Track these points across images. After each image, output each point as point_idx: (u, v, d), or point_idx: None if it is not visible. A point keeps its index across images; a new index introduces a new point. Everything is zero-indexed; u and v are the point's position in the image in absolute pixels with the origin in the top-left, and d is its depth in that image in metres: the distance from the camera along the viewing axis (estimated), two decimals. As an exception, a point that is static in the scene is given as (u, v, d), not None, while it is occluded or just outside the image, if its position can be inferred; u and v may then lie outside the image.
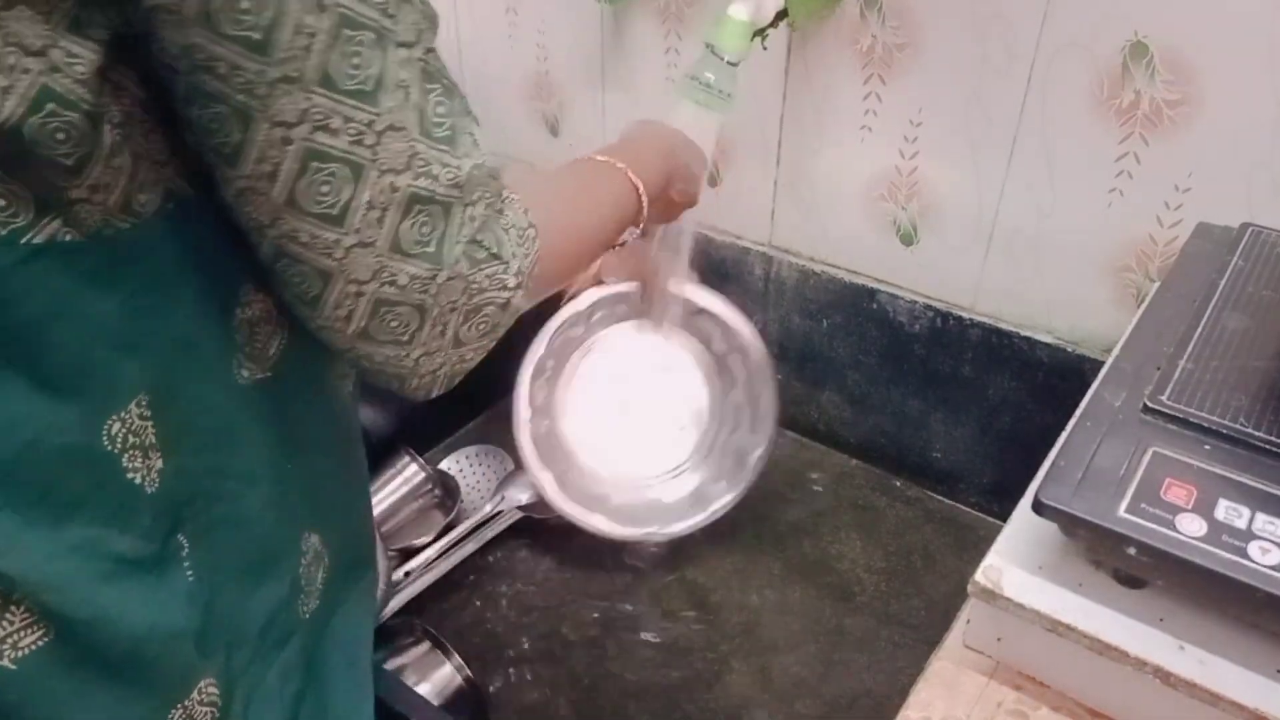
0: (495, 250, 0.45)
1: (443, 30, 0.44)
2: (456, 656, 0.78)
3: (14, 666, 0.41)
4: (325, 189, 0.39)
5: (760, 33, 0.84)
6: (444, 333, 0.44)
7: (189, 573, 0.46)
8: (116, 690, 0.44)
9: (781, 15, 0.84)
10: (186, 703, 0.46)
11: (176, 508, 0.45)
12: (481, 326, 0.46)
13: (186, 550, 0.46)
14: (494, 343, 0.48)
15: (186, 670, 0.47)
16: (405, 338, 0.44)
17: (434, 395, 0.48)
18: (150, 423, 0.43)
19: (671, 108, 0.86)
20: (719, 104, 0.84)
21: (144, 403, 0.43)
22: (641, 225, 0.67)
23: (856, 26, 0.88)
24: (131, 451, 0.42)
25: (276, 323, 0.47)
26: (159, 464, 0.44)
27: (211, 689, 0.48)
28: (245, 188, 0.39)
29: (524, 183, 0.50)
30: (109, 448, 0.42)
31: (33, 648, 0.41)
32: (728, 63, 0.83)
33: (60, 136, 0.36)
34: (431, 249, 0.42)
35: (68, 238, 0.38)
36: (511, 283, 0.46)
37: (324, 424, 0.54)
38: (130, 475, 0.43)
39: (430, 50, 0.41)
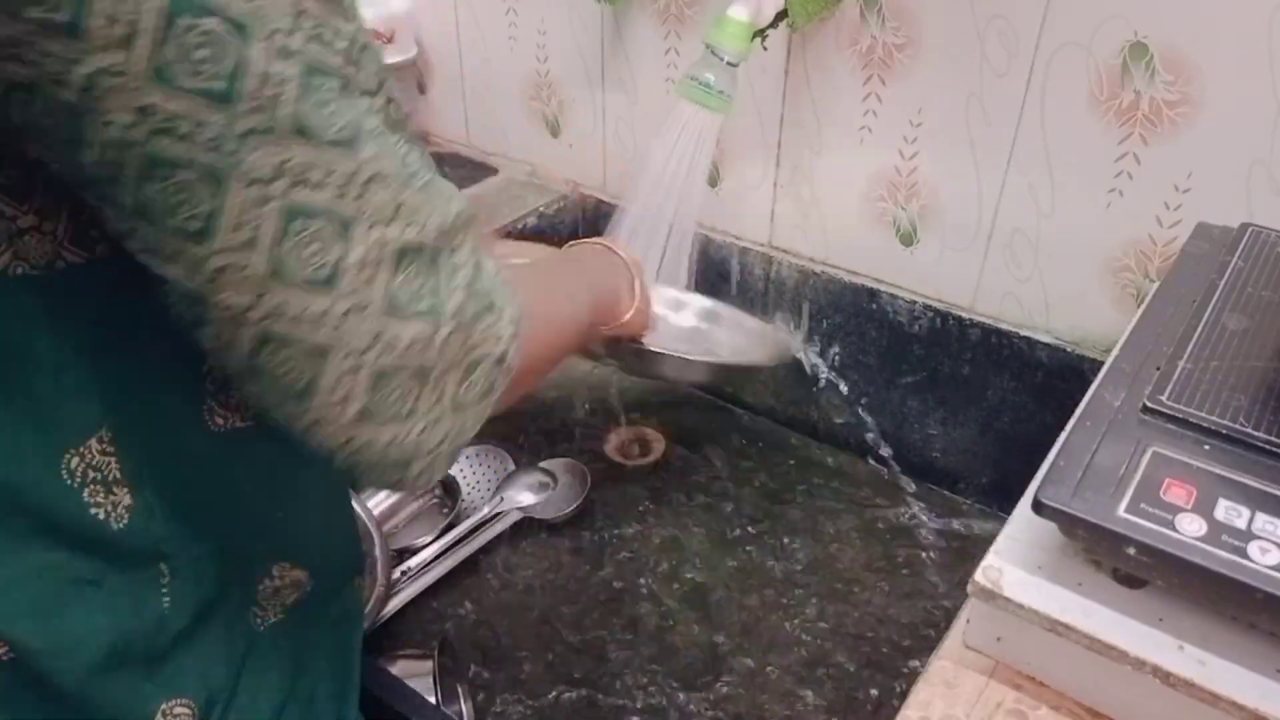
0: (490, 300, 0.42)
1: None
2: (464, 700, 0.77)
3: None
4: (312, 249, 0.35)
5: (760, 33, 0.84)
6: (442, 398, 0.41)
7: (165, 600, 0.46)
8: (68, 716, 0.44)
9: (781, 16, 0.84)
10: None
11: (154, 543, 0.45)
12: (480, 385, 0.43)
13: (167, 580, 0.46)
14: (490, 409, 0.44)
15: (141, 695, 0.46)
16: (405, 410, 0.40)
17: (435, 481, 0.45)
18: (114, 458, 0.43)
19: (672, 108, 0.86)
20: (719, 104, 0.84)
21: (105, 438, 0.42)
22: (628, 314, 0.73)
23: (856, 27, 0.88)
24: (92, 486, 0.42)
25: None
26: (126, 499, 0.43)
27: (182, 709, 0.48)
28: (222, 265, 0.35)
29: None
30: (68, 482, 0.41)
31: None
32: (727, 63, 0.83)
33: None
34: (425, 305, 0.39)
35: (19, 271, 0.37)
36: (507, 332, 0.43)
37: (315, 464, 0.52)
38: (93, 511, 0.42)
39: (391, 100, 0.39)
